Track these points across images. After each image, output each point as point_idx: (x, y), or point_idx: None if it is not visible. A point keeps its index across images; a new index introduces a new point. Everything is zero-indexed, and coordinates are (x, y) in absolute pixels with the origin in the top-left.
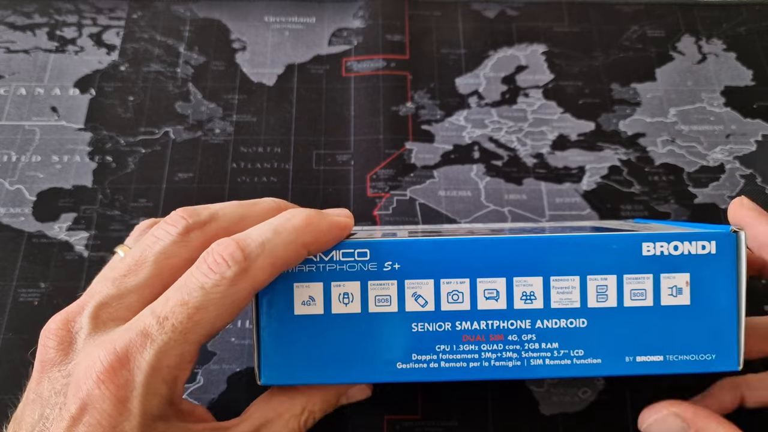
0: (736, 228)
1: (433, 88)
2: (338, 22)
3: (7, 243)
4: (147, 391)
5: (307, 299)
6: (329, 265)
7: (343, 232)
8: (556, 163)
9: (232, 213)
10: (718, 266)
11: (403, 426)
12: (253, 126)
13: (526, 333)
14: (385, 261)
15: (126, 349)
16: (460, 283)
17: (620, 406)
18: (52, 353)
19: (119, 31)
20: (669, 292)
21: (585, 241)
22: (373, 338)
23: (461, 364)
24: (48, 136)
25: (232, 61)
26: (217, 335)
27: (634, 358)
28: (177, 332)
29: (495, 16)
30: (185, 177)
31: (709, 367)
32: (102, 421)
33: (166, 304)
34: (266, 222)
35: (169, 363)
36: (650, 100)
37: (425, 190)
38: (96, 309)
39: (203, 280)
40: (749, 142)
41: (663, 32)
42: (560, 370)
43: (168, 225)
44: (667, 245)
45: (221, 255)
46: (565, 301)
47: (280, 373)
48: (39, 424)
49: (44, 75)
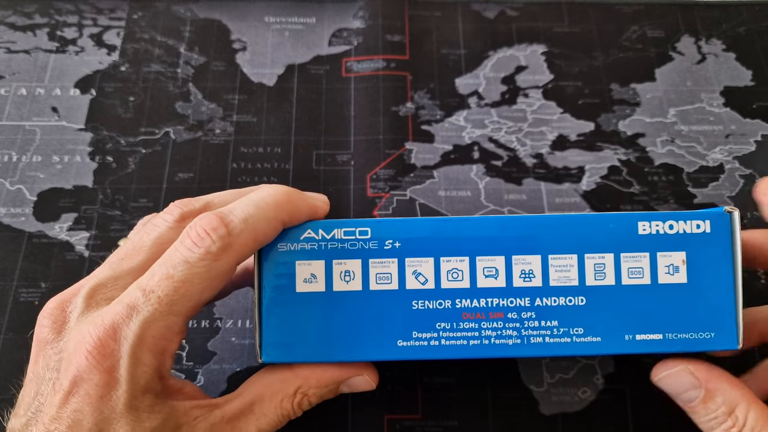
0: (730, 208)
1: (433, 89)
2: (338, 22)
3: (7, 243)
4: (133, 361)
5: (309, 277)
6: (331, 243)
7: (317, 214)
8: (555, 163)
9: (227, 200)
10: (713, 245)
11: (404, 425)
12: (254, 126)
13: (526, 311)
14: (385, 239)
15: (113, 321)
16: (460, 261)
17: (620, 406)
18: (46, 332)
19: (120, 31)
20: (666, 271)
21: (582, 220)
22: (374, 316)
23: (461, 341)
24: (48, 136)
25: (233, 61)
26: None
27: (633, 337)
28: (163, 304)
29: (495, 17)
30: (186, 177)
31: (708, 345)
32: (91, 392)
33: (152, 278)
34: (247, 197)
35: (155, 333)
36: (650, 100)
37: (425, 190)
38: (91, 290)
39: (187, 254)
40: (749, 142)
41: (663, 32)
42: (560, 348)
43: (164, 214)
44: (663, 224)
45: (204, 229)
46: (564, 279)
47: (281, 350)
48: (35, 401)
49: (45, 75)
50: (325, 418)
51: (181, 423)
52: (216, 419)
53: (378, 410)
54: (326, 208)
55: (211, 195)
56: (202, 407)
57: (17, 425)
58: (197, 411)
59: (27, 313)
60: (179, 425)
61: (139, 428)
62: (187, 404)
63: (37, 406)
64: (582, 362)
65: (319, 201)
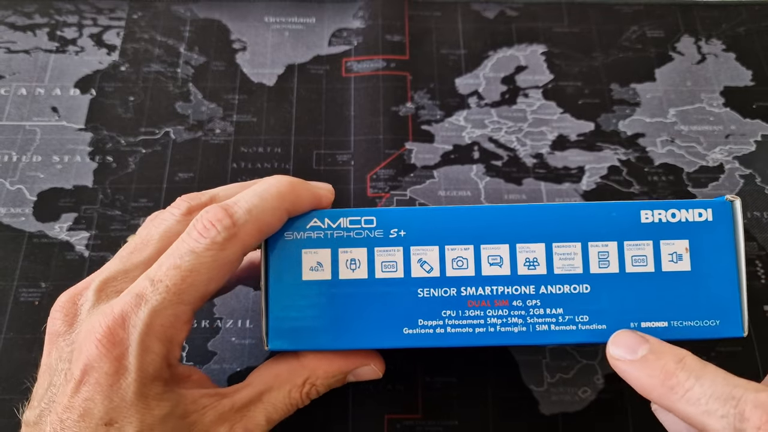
0: (732, 197)
1: (433, 89)
2: (338, 22)
3: (7, 243)
4: (142, 349)
5: (315, 265)
6: (337, 231)
7: (322, 203)
8: (555, 163)
9: (232, 193)
10: (715, 233)
11: (404, 425)
12: (254, 126)
13: (531, 298)
14: (391, 228)
15: (122, 310)
16: (465, 249)
17: (620, 405)
18: (58, 324)
19: (119, 31)
20: (669, 258)
21: (585, 209)
22: (380, 303)
23: (467, 329)
24: (48, 136)
25: (233, 61)
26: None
27: (638, 324)
28: (170, 293)
29: (495, 17)
30: (186, 177)
31: (713, 332)
32: (101, 380)
33: (159, 268)
34: (251, 188)
35: (163, 322)
36: (650, 100)
37: (425, 190)
38: (102, 283)
39: (194, 244)
40: (748, 142)
41: (662, 32)
42: (566, 336)
43: (172, 208)
44: (665, 212)
45: (210, 220)
46: (568, 267)
47: (288, 338)
48: (48, 392)
49: (45, 75)
50: (325, 417)
51: (190, 411)
52: (225, 408)
53: (378, 409)
54: (331, 197)
55: (217, 189)
56: (210, 396)
57: (32, 416)
58: (206, 400)
59: (27, 313)
60: (187, 413)
61: (148, 416)
62: (196, 393)
63: (50, 397)
64: (582, 362)
65: (323, 190)
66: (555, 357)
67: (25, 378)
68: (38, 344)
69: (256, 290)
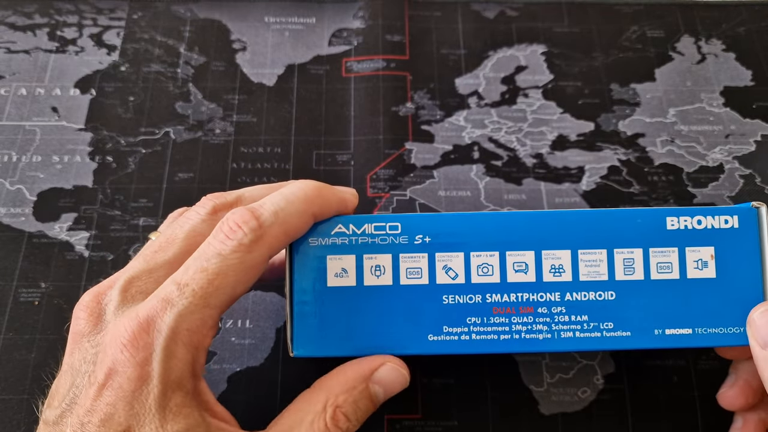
0: (758, 204)
1: (432, 89)
2: (338, 22)
3: (7, 243)
4: (167, 354)
5: (340, 271)
6: (361, 237)
7: (347, 208)
8: (555, 163)
9: (259, 195)
10: (741, 240)
11: (404, 425)
12: (254, 126)
13: (556, 305)
14: (415, 234)
15: (148, 315)
16: (490, 256)
17: (620, 406)
18: (82, 324)
19: (120, 31)
20: (695, 266)
21: (610, 215)
22: (405, 310)
23: (492, 336)
24: (48, 136)
25: (233, 61)
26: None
27: (663, 331)
28: (197, 297)
29: (495, 17)
30: (185, 177)
31: (737, 340)
32: (124, 385)
33: (186, 272)
34: (278, 191)
35: (190, 327)
36: (650, 100)
37: (425, 190)
38: (126, 283)
39: (220, 247)
40: (748, 142)
41: (662, 32)
42: (591, 343)
43: (197, 207)
44: (691, 219)
45: (236, 222)
46: (593, 274)
47: (312, 345)
48: (70, 393)
49: (45, 75)
50: None
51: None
52: None
53: (378, 410)
54: (355, 201)
55: (243, 189)
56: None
57: (51, 416)
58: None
59: (27, 313)
60: None
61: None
62: (222, 425)
63: (72, 398)
64: (582, 362)
65: (348, 194)
66: (555, 357)
67: (25, 378)
68: (38, 344)
69: (262, 291)
